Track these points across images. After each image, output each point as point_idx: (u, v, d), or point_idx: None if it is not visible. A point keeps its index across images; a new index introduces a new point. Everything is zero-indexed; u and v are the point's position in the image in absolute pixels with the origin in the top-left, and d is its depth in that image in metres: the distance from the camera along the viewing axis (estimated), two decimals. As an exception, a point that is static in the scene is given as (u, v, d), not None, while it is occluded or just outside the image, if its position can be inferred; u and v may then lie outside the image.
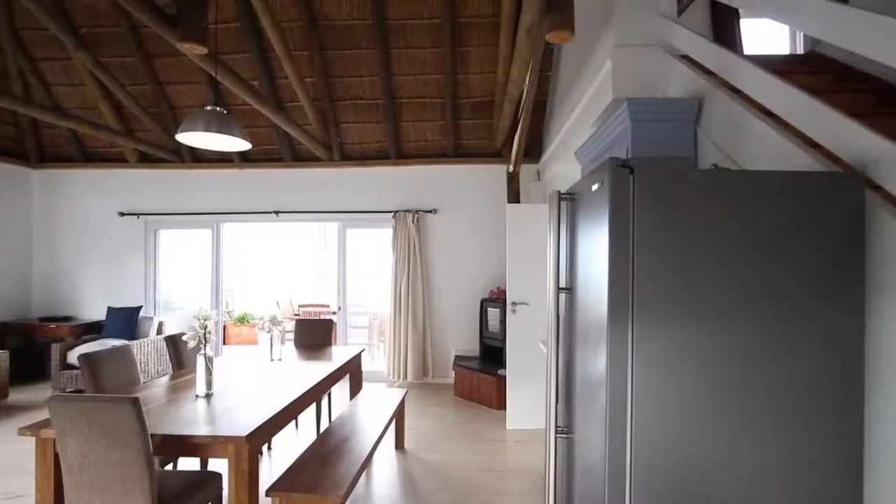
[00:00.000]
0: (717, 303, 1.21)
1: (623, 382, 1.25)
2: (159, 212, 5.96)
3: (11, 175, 5.80)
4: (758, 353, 1.21)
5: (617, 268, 1.22)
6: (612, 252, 1.22)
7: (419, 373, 5.53)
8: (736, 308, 1.21)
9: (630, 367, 1.24)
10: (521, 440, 3.79)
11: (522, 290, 4.09)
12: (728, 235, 1.21)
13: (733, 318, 1.21)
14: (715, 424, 1.22)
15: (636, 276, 1.21)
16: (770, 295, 1.20)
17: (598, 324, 1.32)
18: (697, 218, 1.21)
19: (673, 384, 1.23)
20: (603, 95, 2.82)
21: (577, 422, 1.64)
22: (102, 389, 2.48)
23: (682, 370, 1.22)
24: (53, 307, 6.04)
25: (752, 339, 1.21)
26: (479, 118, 5.41)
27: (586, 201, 1.46)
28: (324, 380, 2.91)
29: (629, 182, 1.21)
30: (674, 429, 1.23)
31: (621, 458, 1.27)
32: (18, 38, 4.99)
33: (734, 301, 1.21)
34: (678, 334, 1.22)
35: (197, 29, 2.58)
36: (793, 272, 1.20)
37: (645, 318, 1.22)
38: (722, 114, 1.96)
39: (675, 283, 1.21)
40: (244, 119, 5.50)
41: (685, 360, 1.22)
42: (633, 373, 1.23)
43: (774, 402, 1.21)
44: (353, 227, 5.95)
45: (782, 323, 1.20)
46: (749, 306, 1.21)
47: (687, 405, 1.23)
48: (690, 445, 1.23)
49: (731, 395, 1.22)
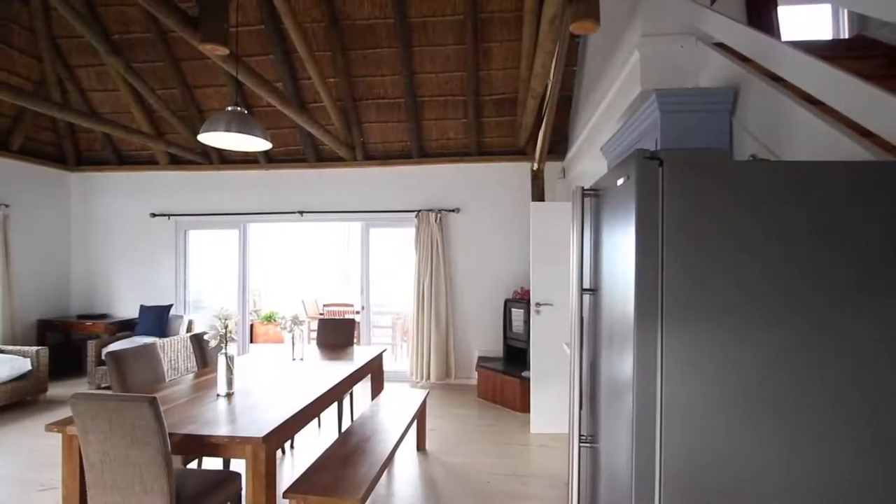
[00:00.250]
0: (757, 303, 1.11)
1: (651, 388, 1.16)
2: (189, 213, 6.11)
3: (51, 178, 6.04)
4: (803, 357, 1.10)
5: (644, 267, 1.13)
6: (639, 250, 1.14)
7: (442, 373, 5.49)
8: (778, 309, 1.11)
9: (659, 371, 1.15)
10: (545, 444, 3.70)
11: (547, 291, 3.99)
12: (769, 231, 1.11)
13: (775, 320, 1.11)
14: (753, 433, 1.12)
15: (665, 275, 1.12)
16: (817, 294, 1.09)
17: (624, 326, 1.23)
18: (734, 213, 1.11)
19: (707, 390, 1.13)
20: (630, 88, 2.71)
21: (602, 429, 1.55)
22: (128, 387, 2.53)
23: (718, 375, 1.13)
24: (90, 305, 6.27)
25: (796, 341, 1.10)
26: (502, 115, 5.33)
27: (612, 197, 1.38)
28: (344, 380, 2.89)
29: (658, 175, 1.13)
30: (707, 437, 1.14)
31: (649, 468, 1.18)
32: (56, 46, 5.18)
33: (776, 301, 1.11)
34: (712, 337, 1.12)
35: (218, 30, 2.59)
36: (842, 269, 1.09)
37: (675, 320, 1.13)
38: (760, 103, 1.83)
39: (708, 282, 1.12)
40: (268, 120, 5.57)
41: (721, 364, 1.13)
42: (663, 378, 1.15)
43: (822, 408, 1.10)
44: (376, 226, 5.96)
45: (831, 324, 1.09)
46: (793, 307, 1.10)
47: (722, 412, 1.13)
48: (726, 455, 1.13)
49: (771, 402, 1.11)
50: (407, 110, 5.27)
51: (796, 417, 1.11)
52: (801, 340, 1.10)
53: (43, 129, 5.78)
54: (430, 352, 5.49)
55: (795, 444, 1.11)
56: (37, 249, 5.85)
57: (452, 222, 5.67)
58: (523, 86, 4.61)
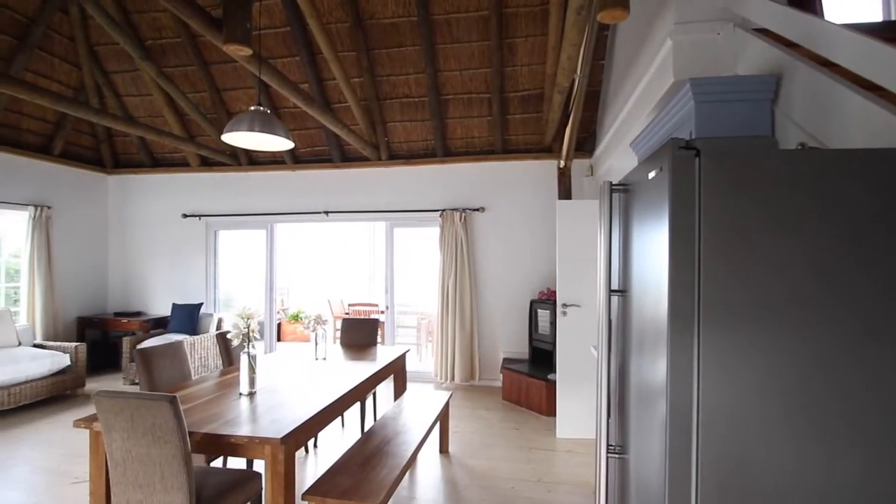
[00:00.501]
0: (808, 305, 1.00)
1: (686, 394, 1.07)
2: (218, 213, 6.24)
3: (90, 181, 6.27)
4: (855, 364, 0.99)
5: (679, 267, 1.04)
6: (673, 249, 1.05)
7: (466, 374, 5.42)
8: (832, 311, 1.00)
9: (696, 377, 1.06)
10: (571, 450, 3.58)
11: (574, 291, 3.87)
12: (821, 227, 1.00)
13: (826, 323, 1.00)
14: (796, 443, 1.02)
15: (703, 275, 1.03)
16: (877, 295, 0.98)
17: (656, 329, 1.15)
18: (781, 207, 1.01)
19: (748, 397, 1.03)
20: (662, 79, 2.58)
21: (631, 438, 1.46)
22: (155, 383, 2.57)
23: (760, 381, 1.03)
24: (126, 303, 6.48)
25: (849, 348, 1.00)
26: (527, 112, 5.22)
27: (642, 192, 1.29)
28: (366, 380, 2.87)
29: (694, 166, 1.03)
30: (748, 447, 1.04)
31: (684, 480, 1.09)
32: (94, 53, 5.37)
33: (830, 303, 1.00)
34: (755, 340, 1.02)
35: (241, 31, 2.61)
36: (907, 272, 0.98)
37: (714, 322, 1.04)
38: (807, 89, 1.69)
39: (752, 282, 1.02)
40: (294, 121, 5.63)
41: (764, 369, 1.03)
42: (700, 384, 1.05)
43: (871, 419, 0.99)
44: (401, 226, 5.94)
45: (892, 328, 0.98)
46: (849, 309, 0.99)
47: (765, 420, 1.03)
48: (767, 466, 1.03)
49: (816, 410, 1.01)
50: (431, 109, 5.23)
51: (842, 427, 1.00)
52: (854, 346, 0.99)
53: (82, 133, 6.01)
54: (454, 353, 5.43)
55: (840, 456, 1.00)
56: (77, 249, 6.09)
57: (477, 222, 5.60)
58: (549, 81, 4.50)
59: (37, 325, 5.36)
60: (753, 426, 1.04)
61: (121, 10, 4.88)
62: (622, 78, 3.83)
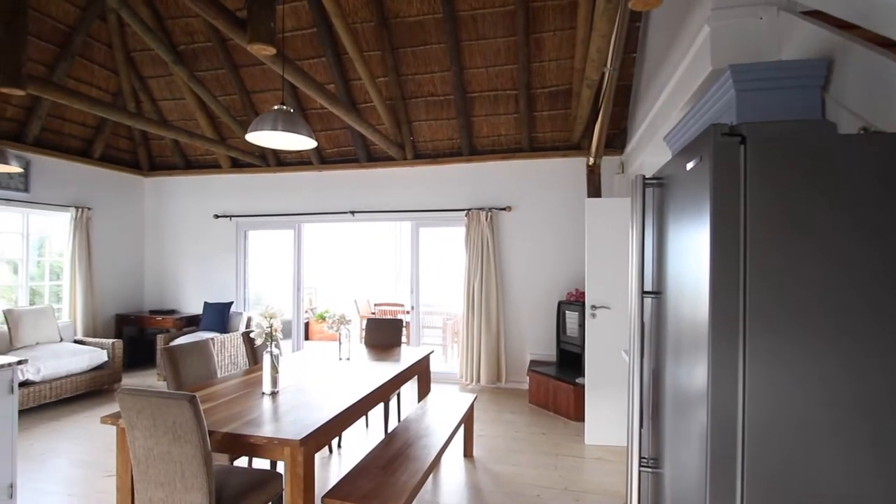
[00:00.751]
0: (871, 307, 0.89)
1: (730, 404, 0.97)
2: (248, 213, 6.36)
3: (128, 183, 6.50)
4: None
5: (721, 267, 0.95)
6: (715, 247, 0.95)
7: (493, 376, 5.33)
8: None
9: (741, 387, 0.96)
10: (600, 458, 3.45)
11: (603, 293, 3.73)
12: (888, 223, 0.88)
13: (890, 330, 0.89)
14: (851, 459, 0.91)
15: (750, 276, 0.93)
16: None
17: (695, 335, 1.05)
18: (840, 198, 0.90)
19: (799, 407, 0.93)
20: (698, 69, 2.44)
21: (666, 451, 1.36)
22: (181, 381, 2.60)
23: (820, 394, 0.92)
24: (161, 301, 6.69)
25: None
26: (555, 109, 5.09)
27: (679, 185, 1.19)
28: (389, 381, 2.83)
29: (739, 155, 0.93)
30: (798, 463, 0.94)
31: (727, 498, 0.99)
32: (131, 59, 5.55)
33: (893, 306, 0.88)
34: (811, 350, 0.92)
35: (265, 30, 2.61)
36: None
37: (760, 327, 0.93)
38: (864, 73, 1.55)
39: (806, 282, 0.91)
40: (321, 122, 5.67)
41: (823, 381, 0.92)
42: (745, 395, 0.95)
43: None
44: (426, 225, 5.90)
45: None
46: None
47: (822, 436, 0.92)
48: (824, 486, 0.92)
49: (875, 424, 0.89)
50: (457, 107, 5.17)
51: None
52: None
53: (120, 137, 6.23)
54: (480, 354, 5.36)
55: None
56: (115, 249, 6.32)
57: (503, 221, 5.51)
58: (578, 76, 4.38)
59: (77, 321, 5.58)
60: (808, 440, 0.93)
61: (155, 17, 5.02)
62: (655, 69, 3.67)
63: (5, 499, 2.43)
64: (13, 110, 4.97)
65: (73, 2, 4.73)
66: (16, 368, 2.44)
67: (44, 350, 4.57)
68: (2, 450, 2.41)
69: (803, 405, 0.94)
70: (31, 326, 4.72)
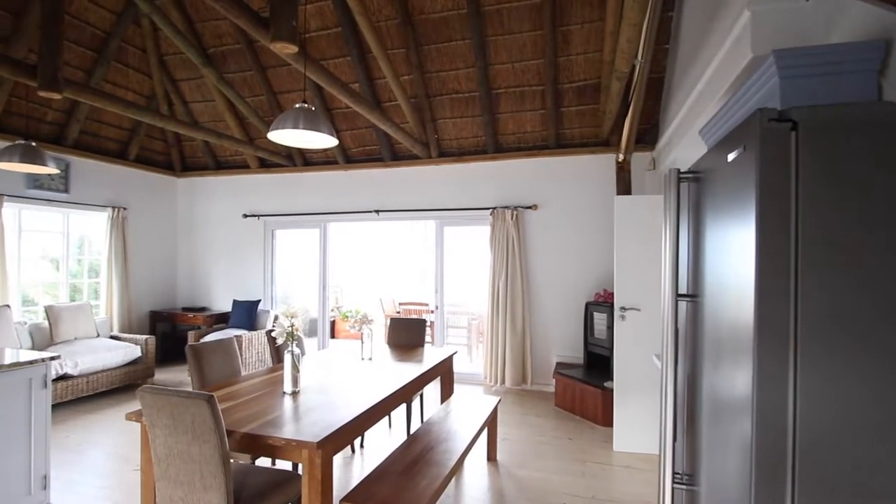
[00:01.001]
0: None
1: (779, 414, 0.87)
2: (275, 213, 6.45)
3: (161, 183, 6.69)
4: None
5: (769, 267, 0.85)
6: (761, 246, 0.85)
7: (518, 378, 5.24)
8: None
9: (791, 393, 0.86)
10: (629, 465, 3.32)
11: (633, 294, 3.59)
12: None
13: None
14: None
15: (801, 277, 0.83)
16: None
17: (738, 340, 0.95)
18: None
19: (858, 416, 0.82)
20: (738, 56, 2.29)
21: (703, 465, 1.25)
22: (205, 379, 2.62)
23: (878, 397, 0.81)
24: (193, 298, 6.86)
25: None
26: (583, 104, 4.95)
27: (718, 179, 1.09)
28: (411, 382, 2.78)
29: (790, 142, 0.84)
30: (859, 478, 0.83)
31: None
32: (163, 62, 5.70)
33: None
34: (871, 350, 0.81)
35: (287, 29, 2.60)
36: None
37: (814, 333, 0.83)
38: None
39: (870, 283, 0.80)
40: (346, 121, 5.69)
41: (883, 383, 0.81)
42: (797, 402, 0.85)
43: None
44: (451, 224, 5.84)
45: None
46: None
47: (881, 445, 0.82)
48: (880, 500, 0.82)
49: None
50: (481, 104, 5.09)
51: None
52: None
53: (154, 139, 6.41)
54: (505, 355, 5.26)
55: None
56: (149, 247, 6.51)
57: (529, 220, 5.40)
58: (607, 70, 4.23)
59: (114, 317, 5.78)
60: (876, 453, 0.83)
61: (185, 20, 5.13)
62: (689, 60, 3.50)
63: (39, 489, 2.50)
64: (54, 114, 5.17)
65: (108, 7, 4.89)
66: (49, 364, 2.51)
67: (81, 345, 4.74)
68: (36, 442, 2.48)
69: (864, 415, 0.83)
70: (70, 322, 4.90)
